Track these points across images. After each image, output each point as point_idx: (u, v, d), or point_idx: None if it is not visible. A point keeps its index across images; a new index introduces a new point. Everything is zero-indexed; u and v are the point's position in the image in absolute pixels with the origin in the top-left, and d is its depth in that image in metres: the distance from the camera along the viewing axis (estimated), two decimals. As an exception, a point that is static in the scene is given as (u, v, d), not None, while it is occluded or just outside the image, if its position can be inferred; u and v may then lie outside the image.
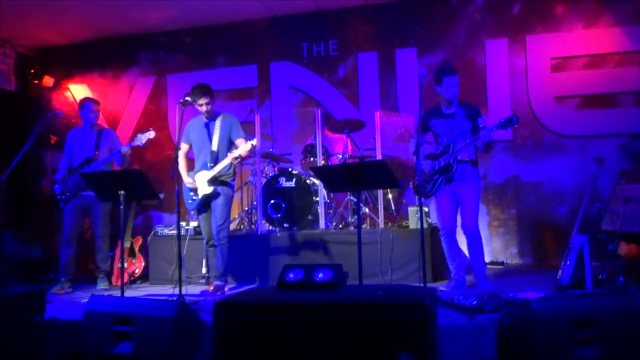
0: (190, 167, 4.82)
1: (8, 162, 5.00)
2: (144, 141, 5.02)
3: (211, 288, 4.63)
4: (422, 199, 3.91)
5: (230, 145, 4.66)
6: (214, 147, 4.59)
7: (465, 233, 4.25)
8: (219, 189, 4.58)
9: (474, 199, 4.21)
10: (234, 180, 4.77)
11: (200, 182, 4.57)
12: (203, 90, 4.56)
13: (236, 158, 4.45)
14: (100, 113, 5.63)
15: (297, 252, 5.11)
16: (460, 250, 4.39)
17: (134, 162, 6.26)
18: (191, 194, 4.62)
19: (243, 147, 4.46)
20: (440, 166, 4.22)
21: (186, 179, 4.63)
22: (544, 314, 2.47)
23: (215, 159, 4.57)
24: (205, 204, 4.65)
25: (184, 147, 4.77)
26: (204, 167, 4.59)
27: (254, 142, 4.54)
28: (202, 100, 4.55)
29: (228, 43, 7.07)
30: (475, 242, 4.19)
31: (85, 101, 5.53)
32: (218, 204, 4.58)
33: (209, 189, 4.54)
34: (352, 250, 4.19)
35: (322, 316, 2.53)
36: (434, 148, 4.39)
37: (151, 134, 5.03)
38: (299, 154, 6.10)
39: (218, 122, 4.65)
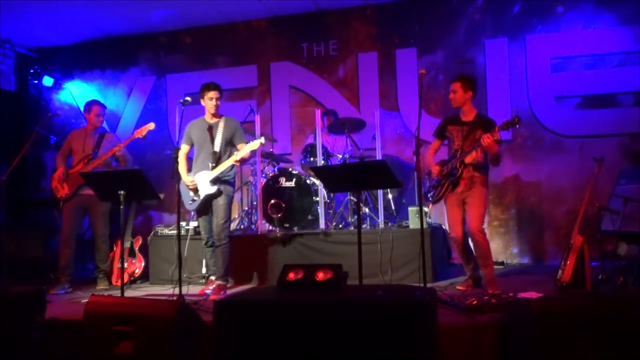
0: (189, 168, 4.80)
1: (8, 162, 5.00)
2: (143, 133, 5.04)
3: (210, 288, 4.63)
4: (432, 204, 3.91)
5: (232, 148, 4.66)
6: (217, 147, 4.58)
7: (469, 235, 4.29)
8: (222, 187, 4.56)
9: (478, 201, 4.23)
10: (234, 180, 4.77)
11: (202, 182, 4.55)
12: (217, 85, 4.61)
13: (240, 160, 4.47)
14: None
15: (297, 252, 5.11)
16: (472, 252, 4.42)
17: (134, 163, 6.25)
18: (191, 194, 4.60)
19: (251, 145, 4.44)
20: (448, 170, 4.29)
21: (186, 179, 4.59)
22: (544, 314, 2.47)
23: (217, 160, 4.56)
24: (206, 204, 4.62)
25: (184, 148, 4.74)
26: (205, 167, 4.57)
27: (262, 140, 4.54)
28: (214, 94, 4.56)
29: (228, 43, 7.07)
30: (478, 246, 4.22)
31: (92, 104, 5.48)
32: (220, 203, 4.56)
33: (211, 189, 4.52)
34: (352, 250, 4.19)
35: (322, 316, 2.53)
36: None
37: (150, 125, 5.05)
38: (299, 154, 6.10)
39: (221, 124, 4.64)
